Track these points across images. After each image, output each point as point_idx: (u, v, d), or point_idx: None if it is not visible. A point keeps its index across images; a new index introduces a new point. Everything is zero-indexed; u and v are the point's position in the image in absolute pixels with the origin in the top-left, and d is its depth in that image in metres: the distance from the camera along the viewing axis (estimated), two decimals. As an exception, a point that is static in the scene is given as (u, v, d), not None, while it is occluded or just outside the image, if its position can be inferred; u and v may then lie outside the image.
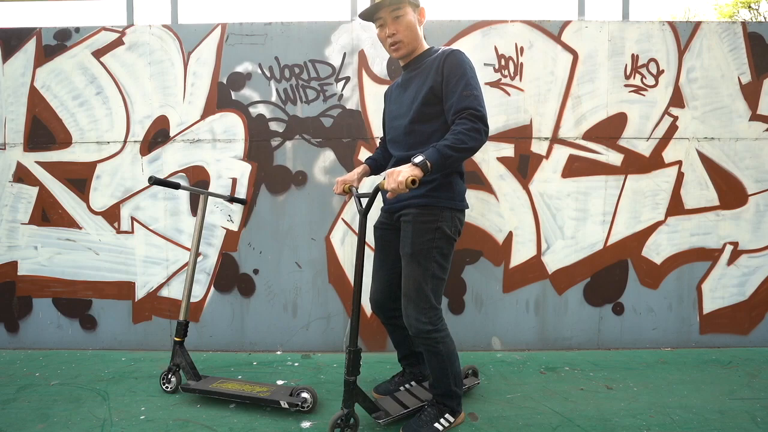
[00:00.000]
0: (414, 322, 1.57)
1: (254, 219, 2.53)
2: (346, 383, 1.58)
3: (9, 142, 2.53)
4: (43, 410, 1.86)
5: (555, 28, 2.45)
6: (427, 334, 1.57)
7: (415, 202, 1.58)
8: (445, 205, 1.58)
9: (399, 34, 1.60)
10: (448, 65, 1.53)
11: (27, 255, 2.56)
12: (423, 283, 1.56)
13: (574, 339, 2.55)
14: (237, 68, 2.48)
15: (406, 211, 1.62)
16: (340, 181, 1.84)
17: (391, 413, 1.69)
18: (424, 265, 1.56)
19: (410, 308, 1.58)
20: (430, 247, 1.56)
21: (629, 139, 2.49)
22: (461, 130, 1.43)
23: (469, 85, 1.50)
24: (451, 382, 1.65)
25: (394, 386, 1.97)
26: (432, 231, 1.56)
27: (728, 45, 2.46)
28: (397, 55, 1.66)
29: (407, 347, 1.96)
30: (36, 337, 2.59)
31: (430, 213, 1.57)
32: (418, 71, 1.64)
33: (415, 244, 1.56)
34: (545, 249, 2.52)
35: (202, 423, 1.77)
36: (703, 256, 2.53)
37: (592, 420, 1.77)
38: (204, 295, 2.56)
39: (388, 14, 1.58)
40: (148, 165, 2.52)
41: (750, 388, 2.04)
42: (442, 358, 1.61)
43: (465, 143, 1.42)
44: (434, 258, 1.56)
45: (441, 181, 1.58)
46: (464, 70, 1.52)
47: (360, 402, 1.62)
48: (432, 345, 1.59)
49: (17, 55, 2.50)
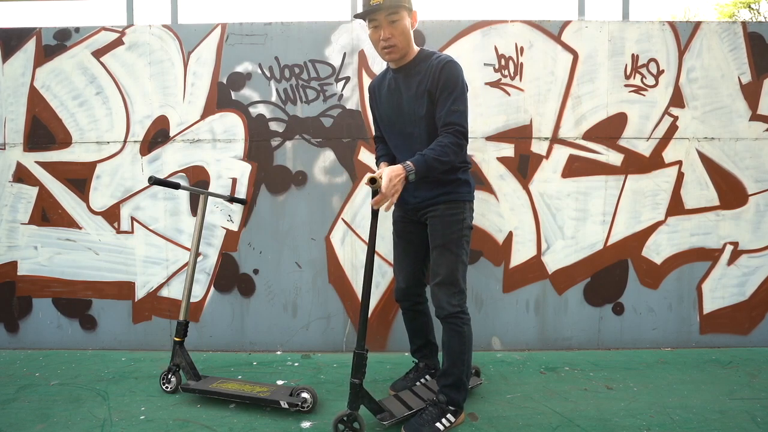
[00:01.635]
0: (446, 305, 1.69)
1: (254, 219, 2.53)
2: (352, 385, 1.60)
3: (9, 142, 2.53)
4: (43, 410, 1.86)
5: (555, 28, 2.45)
6: (455, 315, 1.69)
7: (444, 199, 1.71)
8: (466, 198, 1.74)
9: (394, 38, 1.61)
10: (445, 75, 1.61)
11: (27, 255, 2.56)
12: (455, 270, 1.70)
13: (574, 339, 2.55)
14: (237, 68, 2.48)
15: (432, 208, 1.73)
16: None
17: (396, 414, 1.70)
18: (456, 252, 1.70)
19: (442, 293, 1.70)
20: (460, 237, 1.71)
21: (629, 139, 2.49)
22: (447, 143, 1.57)
23: (458, 101, 1.61)
24: (464, 370, 1.71)
25: (410, 382, 2.00)
26: (459, 222, 1.71)
27: (728, 45, 2.46)
28: (390, 59, 1.67)
29: (424, 336, 2.03)
30: (36, 337, 2.59)
31: (455, 207, 1.71)
32: (412, 76, 1.67)
33: (446, 235, 1.70)
34: (545, 249, 2.52)
35: (202, 423, 1.77)
36: (703, 256, 2.53)
37: (592, 420, 1.77)
38: (204, 295, 2.56)
39: (384, 18, 1.58)
40: (148, 165, 2.52)
41: (750, 388, 2.04)
42: (464, 339, 1.70)
43: (447, 156, 1.57)
44: (463, 246, 1.72)
45: (462, 178, 1.73)
46: (456, 85, 1.61)
47: (365, 404, 1.63)
48: (458, 325, 1.69)
49: (17, 55, 2.50)
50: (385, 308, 2.54)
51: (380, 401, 1.71)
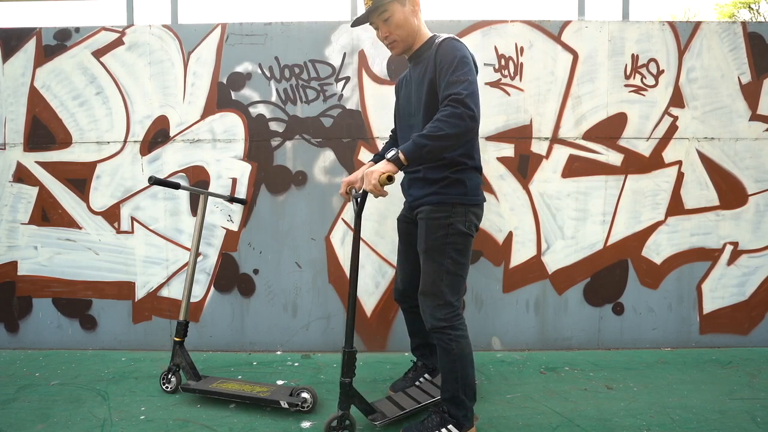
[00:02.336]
0: (429, 318, 1.59)
1: (254, 219, 2.53)
2: (342, 385, 1.57)
3: (9, 142, 2.53)
4: (43, 410, 1.86)
5: (555, 28, 2.45)
6: (441, 330, 1.57)
7: (428, 200, 1.59)
8: (456, 200, 1.57)
9: (392, 35, 1.60)
10: (440, 56, 1.51)
11: (27, 255, 2.56)
12: (438, 279, 1.57)
13: (574, 339, 2.55)
14: (237, 68, 2.48)
15: (420, 209, 1.63)
16: (345, 182, 1.88)
17: (388, 415, 1.68)
18: (438, 261, 1.56)
19: (426, 303, 1.60)
20: (444, 243, 1.56)
21: (629, 139, 2.49)
22: (439, 117, 1.41)
23: (457, 71, 1.45)
24: (459, 387, 1.58)
25: (408, 382, 1.98)
26: (444, 227, 1.56)
27: (728, 45, 2.46)
28: (395, 54, 1.67)
29: (423, 337, 1.98)
30: (36, 337, 2.59)
31: (441, 209, 1.57)
32: (418, 64, 1.64)
33: (429, 240, 1.57)
34: (545, 249, 2.52)
35: (202, 423, 1.77)
36: (703, 256, 2.53)
37: (592, 420, 1.77)
38: (204, 295, 2.56)
39: (377, 18, 1.59)
40: (148, 165, 2.52)
41: (750, 388, 2.04)
42: (452, 358, 1.57)
43: (442, 130, 1.38)
44: (448, 254, 1.56)
45: (452, 177, 1.57)
46: (454, 58, 1.47)
47: (356, 404, 1.61)
48: (445, 342, 1.57)
49: (17, 55, 2.50)
50: (385, 308, 2.54)
51: (372, 402, 1.69)
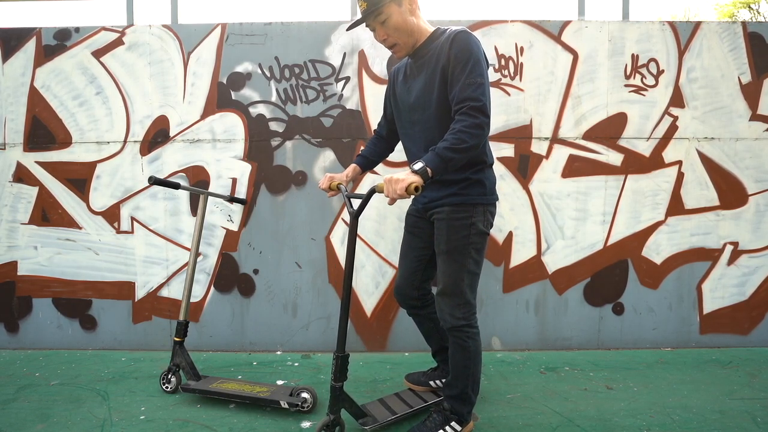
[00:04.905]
0: (448, 317, 1.59)
1: (254, 219, 2.53)
2: (333, 389, 1.55)
3: (9, 142, 2.53)
4: (43, 410, 1.86)
5: (555, 28, 2.45)
6: (459, 329, 1.58)
7: (449, 201, 1.57)
8: (478, 201, 1.57)
9: (390, 37, 1.56)
10: (456, 47, 1.45)
11: (27, 255, 2.56)
12: (459, 280, 1.57)
13: (574, 339, 2.55)
14: (237, 68, 2.48)
15: (439, 210, 1.60)
16: (329, 176, 1.80)
17: (379, 419, 1.66)
18: (461, 261, 1.56)
19: (445, 304, 1.59)
20: (466, 244, 1.55)
21: (629, 139, 2.49)
22: (461, 128, 1.38)
23: (473, 73, 1.42)
24: (469, 384, 1.62)
25: (425, 378, 1.98)
26: (466, 228, 1.55)
27: (728, 45, 2.46)
28: (399, 57, 1.63)
29: (438, 342, 1.93)
30: (36, 337, 2.59)
31: (463, 210, 1.56)
32: (426, 59, 1.57)
33: (451, 241, 1.56)
34: (545, 249, 2.52)
35: (202, 423, 1.77)
36: (703, 256, 2.53)
37: (592, 420, 1.77)
38: (204, 295, 2.56)
39: (373, 21, 1.55)
40: (148, 165, 2.52)
41: (750, 388, 2.04)
42: (468, 354, 1.59)
43: (466, 142, 1.37)
44: (470, 254, 1.56)
45: (473, 178, 1.56)
46: (470, 56, 1.43)
47: (346, 408, 1.59)
48: (462, 339, 1.59)
49: (17, 55, 2.50)
50: (385, 308, 2.54)
51: (363, 405, 1.67)
